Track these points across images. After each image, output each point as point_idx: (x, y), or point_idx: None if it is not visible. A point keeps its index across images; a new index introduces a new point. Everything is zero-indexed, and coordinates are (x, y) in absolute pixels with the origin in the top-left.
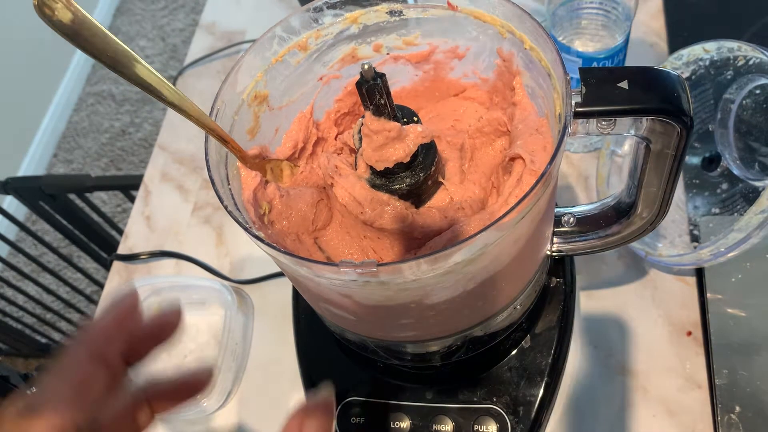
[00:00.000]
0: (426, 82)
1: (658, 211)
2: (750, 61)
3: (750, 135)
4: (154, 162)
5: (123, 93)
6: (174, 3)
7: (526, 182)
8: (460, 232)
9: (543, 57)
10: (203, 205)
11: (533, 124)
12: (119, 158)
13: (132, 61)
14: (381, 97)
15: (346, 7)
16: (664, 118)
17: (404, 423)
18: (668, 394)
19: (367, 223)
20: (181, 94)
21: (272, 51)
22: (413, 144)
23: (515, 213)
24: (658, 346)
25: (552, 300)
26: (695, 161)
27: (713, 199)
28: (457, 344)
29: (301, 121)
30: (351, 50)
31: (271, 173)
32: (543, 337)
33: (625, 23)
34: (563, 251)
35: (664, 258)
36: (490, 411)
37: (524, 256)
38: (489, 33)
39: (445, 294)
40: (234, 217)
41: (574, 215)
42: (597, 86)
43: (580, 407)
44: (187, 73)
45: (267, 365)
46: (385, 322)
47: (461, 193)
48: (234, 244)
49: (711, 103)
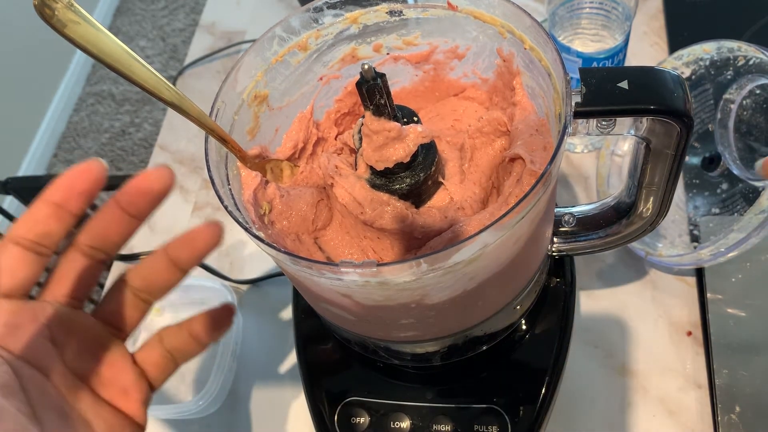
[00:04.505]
0: (426, 82)
1: (658, 211)
2: (750, 61)
3: (750, 135)
4: (154, 162)
5: (123, 93)
6: (174, 3)
7: (526, 182)
8: (460, 232)
9: (543, 57)
10: (203, 205)
11: (533, 124)
12: (119, 158)
13: (132, 61)
14: (381, 97)
15: (346, 7)
16: (664, 118)
17: (404, 423)
18: (668, 394)
19: (367, 223)
20: (181, 94)
21: (272, 51)
22: (413, 144)
23: (515, 213)
24: (658, 346)
25: (552, 300)
26: (695, 161)
27: (713, 199)
28: (457, 344)
29: (301, 121)
30: (351, 50)
31: (271, 173)
32: (543, 337)
33: (625, 23)
34: (563, 251)
35: (664, 258)
36: (490, 411)
37: (524, 256)
38: (489, 33)
39: (445, 294)
40: (234, 217)
41: (574, 215)
42: (597, 86)
43: (580, 407)
44: (187, 73)
45: (267, 365)
46: (385, 322)
47: (461, 193)
48: (234, 244)
49: (711, 103)
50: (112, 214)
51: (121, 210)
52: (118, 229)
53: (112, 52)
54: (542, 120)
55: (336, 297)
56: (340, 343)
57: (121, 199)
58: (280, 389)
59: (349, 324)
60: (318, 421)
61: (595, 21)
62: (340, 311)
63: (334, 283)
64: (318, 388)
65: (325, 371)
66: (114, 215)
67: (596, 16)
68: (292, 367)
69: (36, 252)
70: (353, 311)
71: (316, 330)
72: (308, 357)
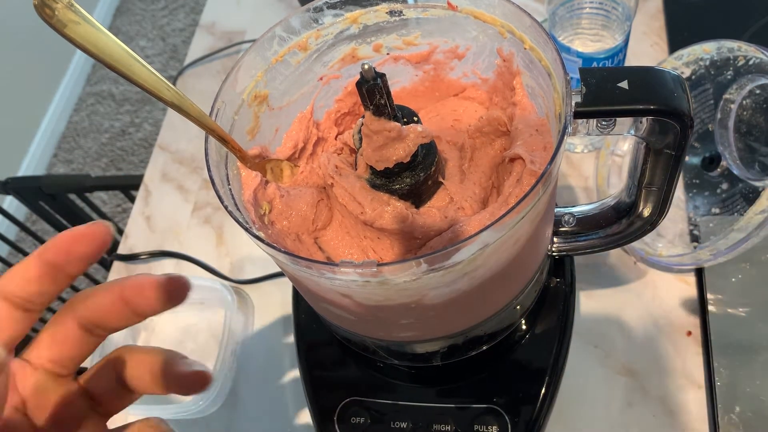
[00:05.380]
0: (426, 82)
1: (658, 211)
2: (750, 61)
3: (750, 135)
4: (154, 162)
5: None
6: (174, 3)
7: (526, 182)
8: (460, 232)
9: (543, 57)
10: (203, 205)
11: (533, 124)
12: (119, 158)
13: (132, 61)
14: (381, 97)
15: (346, 7)
16: (664, 118)
17: (404, 423)
18: (668, 394)
19: (367, 223)
20: (181, 94)
21: (272, 51)
22: (413, 144)
23: (515, 213)
24: (658, 346)
25: (552, 300)
26: (695, 161)
27: (713, 199)
28: (457, 344)
29: (301, 121)
30: (351, 50)
31: (272, 173)
32: (543, 337)
33: (625, 23)
34: (563, 251)
35: (664, 258)
36: (490, 411)
37: (524, 256)
38: (489, 33)
39: (445, 294)
40: (234, 217)
41: (574, 215)
42: (597, 86)
43: (580, 407)
44: (187, 73)
45: (267, 365)
46: (385, 322)
47: (461, 193)
48: (234, 244)
49: (711, 103)
50: (114, 303)
51: (124, 303)
52: (118, 321)
53: (112, 52)
54: (542, 120)
55: (336, 297)
56: (341, 343)
57: (125, 293)
58: (280, 389)
59: (349, 324)
60: (318, 421)
61: (595, 21)
62: (341, 311)
63: (334, 283)
64: (318, 387)
65: (326, 371)
66: (116, 305)
67: (596, 16)
68: (293, 367)
69: (25, 309)
70: (353, 311)
71: (316, 330)
72: (308, 357)
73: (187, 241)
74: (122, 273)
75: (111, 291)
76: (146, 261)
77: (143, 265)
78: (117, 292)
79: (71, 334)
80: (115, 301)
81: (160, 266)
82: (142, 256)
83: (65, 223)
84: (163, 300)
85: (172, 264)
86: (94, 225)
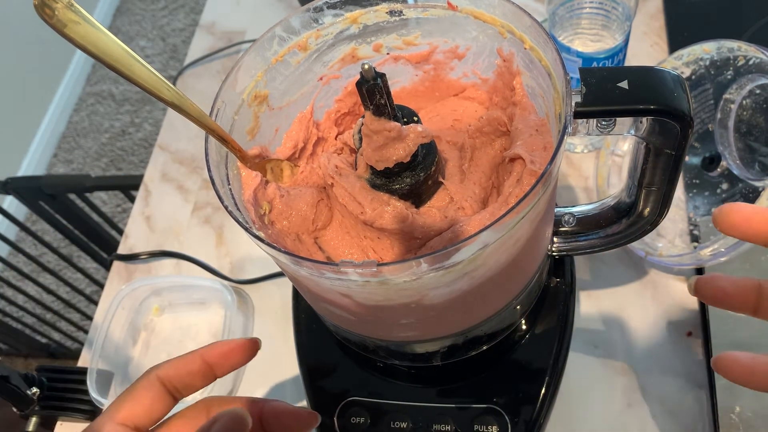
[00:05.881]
0: (426, 82)
1: (658, 211)
2: (750, 61)
3: (750, 135)
4: (154, 162)
5: (123, 93)
6: (174, 3)
7: (526, 182)
8: (460, 232)
9: (543, 57)
10: (203, 205)
11: (533, 124)
12: (119, 158)
13: (132, 61)
14: (381, 97)
15: (346, 7)
16: (664, 118)
17: (404, 423)
18: (668, 394)
19: (367, 223)
20: (181, 94)
21: (272, 51)
22: (413, 144)
23: (515, 213)
24: (658, 346)
25: (552, 300)
26: (695, 161)
27: (713, 199)
28: (457, 344)
29: (301, 121)
30: (351, 50)
31: (272, 173)
32: (543, 337)
33: (625, 23)
34: (563, 251)
35: (664, 258)
36: (490, 411)
37: (524, 256)
38: (489, 33)
39: (445, 294)
40: (234, 217)
41: (574, 215)
42: (597, 86)
43: (580, 407)
44: (187, 73)
45: (267, 365)
46: (385, 322)
47: (461, 192)
48: (234, 244)
49: (711, 103)
50: (200, 368)
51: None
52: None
53: (112, 52)
54: (542, 120)
55: (336, 297)
56: (341, 343)
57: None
58: (280, 389)
59: (349, 324)
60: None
61: (595, 21)
62: (341, 311)
63: (334, 283)
64: (318, 388)
65: (326, 371)
66: (201, 369)
67: (596, 16)
68: (293, 367)
69: (173, 396)
70: (353, 311)
71: (316, 330)
72: (308, 357)
73: (187, 241)
74: (122, 272)
75: (194, 358)
76: (146, 261)
77: (143, 265)
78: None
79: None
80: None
81: (160, 266)
82: (142, 256)
83: (65, 223)
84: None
85: (172, 264)
86: (251, 340)
